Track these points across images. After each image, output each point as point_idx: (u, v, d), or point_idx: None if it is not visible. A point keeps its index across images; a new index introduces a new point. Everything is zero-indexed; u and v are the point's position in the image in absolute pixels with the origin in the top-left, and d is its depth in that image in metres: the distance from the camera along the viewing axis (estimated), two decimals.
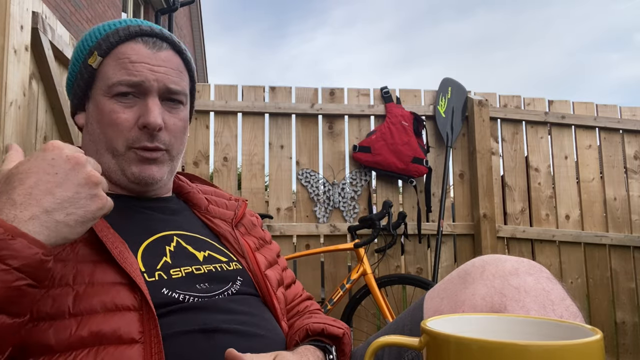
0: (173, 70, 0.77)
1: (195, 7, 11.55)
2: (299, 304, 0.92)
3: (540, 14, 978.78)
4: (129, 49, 0.74)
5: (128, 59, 0.74)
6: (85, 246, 0.64)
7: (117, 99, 0.74)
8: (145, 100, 0.74)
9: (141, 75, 0.73)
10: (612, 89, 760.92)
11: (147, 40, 0.76)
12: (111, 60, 0.74)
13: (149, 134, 0.74)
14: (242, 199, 0.94)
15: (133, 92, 0.74)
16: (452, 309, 0.67)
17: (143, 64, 0.74)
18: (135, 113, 0.74)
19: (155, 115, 0.73)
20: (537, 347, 0.36)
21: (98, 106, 0.75)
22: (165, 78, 0.75)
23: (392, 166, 2.63)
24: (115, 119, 0.73)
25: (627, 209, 2.93)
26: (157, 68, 0.75)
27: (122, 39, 0.75)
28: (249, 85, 2.70)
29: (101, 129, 0.75)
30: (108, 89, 0.74)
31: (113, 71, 0.74)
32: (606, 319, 2.80)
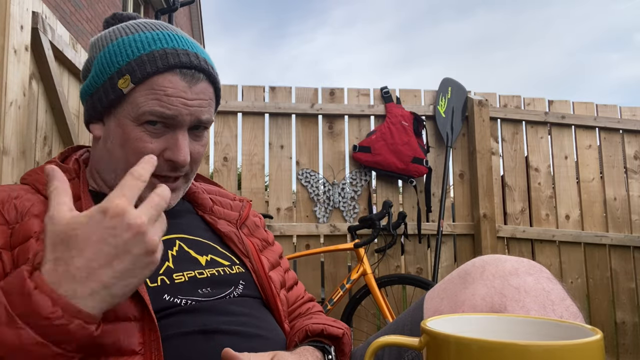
0: (205, 102, 0.74)
1: (195, 7, 11.55)
2: (301, 305, 0.91)
3: (540, 14, 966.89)
4: (166, 82, 0.70)
5: (163, 91, 0.70)
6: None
7: (145, 127, 0.71)
8: (175, 134, 0.72)
9: (176, 109, 0.70)
10: (612, 89, 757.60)
11: (185, 72, 0.72)
12: (144, 89, 0.70)
13: (174, 167, 0.73)
14: (246, 199, 0.93)
15: (162, 122, 0.71)
16: (452, 309, 0.67)
17: (178, 99, 0.70)
18: (162, 144, 0.72)
19: (185, 153, 0.72)
20: (537, 347, 0.36)
21: (124, 130, 0.72)
22: (198, 112, 0.73)
23: (392, 166, 2.63)
24: (142, 148, 0.71)
25: (627, 209, 2.93)
26: (192, 102, 0.72)
27: (159, 70, 0.70)
28: (249, 85, 2.70)
29: (124, 153, 0.72)
30: (138, 116, 0.70)
31: (145, 100, 0.70)
32: (606, 319, 2.80)
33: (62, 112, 1.60)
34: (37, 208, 0.66)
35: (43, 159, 1.52)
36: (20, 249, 0.61)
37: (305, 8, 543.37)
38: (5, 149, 1.25)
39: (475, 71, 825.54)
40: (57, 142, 1.64)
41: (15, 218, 0.64)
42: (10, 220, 0.64)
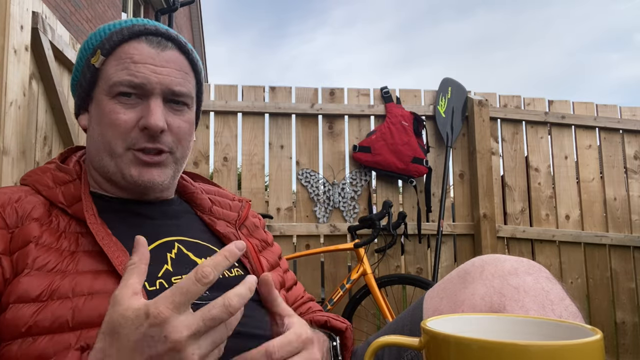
0: (178, 72, 0.74)
1: (195, 7, 11.55)
2: (301, 305, 0.91)
3: (540, 14, 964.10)
4: (132, 49, 0.72)
5: (130, 58, 0.71)
6: (85, 256, 0.63)
7: (119, 99, 0.71)
8: (148, 102, 0.71)
9: (143, 76, 0.70)
10: (612, 89, 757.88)
11: (151, 39, 0.73)
12: (113, 59, 0.72)
13: (150, 136, 0.71)
14: (245, 199, 0.92)
15: (135, 93, 0.71)
16: (452, 308, 0.67)
17: (146, 65, 0.71)
18: (137, 114, 0.71)
19: (156, 118, 0.70)
20: (537, 347, 0.36)
21: (99, 106, 0.73)
22: (168, 80, 0.72)
23: (392, 166, 2.63)
24: (115, 120, 0.71)
25: (627, 209, 2.93)
26: (161, 69, 0.72)
27: (125, 37, 0.72)
28: (249, 85, 2.70)
29: (101, 129, 0.72)
30: (109, 88, 0.71)
31: (114, 71, 0.71)
32: (606, 319, 2.80)
33: (62, 112, 1.60)
34: (37, 211, 0.66)
35: (43, 159, 1.52)
36: (19, 254, 0.61)
37: (305, 8, 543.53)
38: (5, 149, 1.25)
39: (475, 71, 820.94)
40: (57, 142, 1.64)
41: (15, 222, 0.64)
42: (10, 225, 0.63)
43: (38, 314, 0.56)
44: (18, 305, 0.57)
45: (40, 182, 0.71)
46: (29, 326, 0.56)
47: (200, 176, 0.96)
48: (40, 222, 0.64)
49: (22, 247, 0.61)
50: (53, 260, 0.61)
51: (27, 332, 0.56)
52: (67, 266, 0.61)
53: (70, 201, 0.68)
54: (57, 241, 0.63)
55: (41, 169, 0.74)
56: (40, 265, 0.60)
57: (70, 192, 0.69)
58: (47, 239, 0.63)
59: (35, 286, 0.58)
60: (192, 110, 0.79)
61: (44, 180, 0.71)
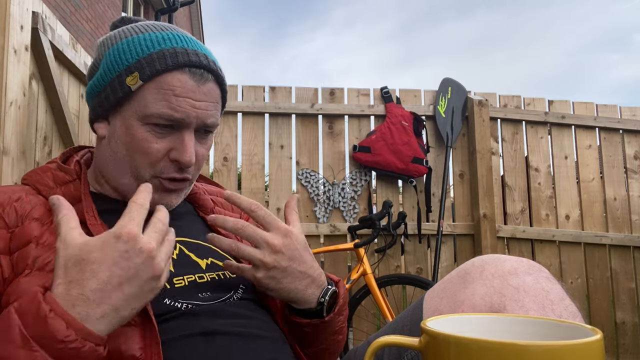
0: (212, 104, 0.73)
1: (195, 7, 11.56)
2: None
3: (540, 15, 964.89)
4: (175, 80, 0.69)
5: (172, 91, 0.69)
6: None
7: (151, 127, 0.70)
8: (181, 135, 0.71)
9: (183, 111, 0.69)
10: (612, 89, 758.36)
11: (194, 72, 0.70)
12: (153, 87, 0.69)
13: (180, 168, 0.72)
14: None
15: (170, 125, 0.71)
16: (452, 308, 0.67)
17: (186, 99, 0.69)
18: (168, 144, 0.71)
19: (190, 154, 0.71)
20: (537, 347, 0.36)
21: (129, 129, 0.71)
22: (205, 115, 0.72)
23: (392, 166, 2.63)
24: (147, 149, 0.70)
25: (627, 209, 2.93)
26: (199, 104, 0.71)
27: (169, 67, 0.69)
28: (249, 85, 2.70)
29: (128, 152, 0.71)
30: (145, 117, 0.69)
31: (154, 100, 0.69)
32: (606, 319, 2.80)
33: (62, 112, 1.60)
34: (38, 211, 0.66)
35: (43, 159, 1.52)
36: (19, 254, 0.60)
37: (306, 8, 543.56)
38: (5, 149, 1.25)
39: (475, 71, 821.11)
40: (57, 142, 1.64)
41: (15, 221, 0.63)
42: (10, 224, 0.63)
43: None
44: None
45: (41, 182, 0.71)
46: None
47: (203, 176, 0.96)
48: (40, 221, 0.64)
49: (22, 246, 0.61)
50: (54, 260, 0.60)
51: None
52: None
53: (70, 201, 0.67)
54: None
55: (42, 168, 0.74)
56: (41, 265, 0.60)
57: (70, 192, 0.69)
58: (48, 238, 0.63)
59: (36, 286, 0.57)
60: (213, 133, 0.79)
61: (44, 180, 0.71)
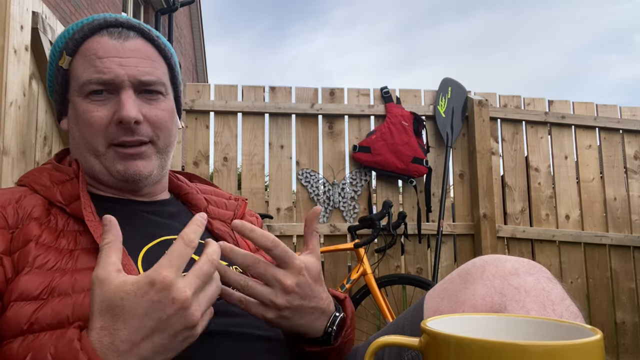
0: (144, 60, 0.73)
1: (195, 7, 11.56)
2: None
3: (540, 15, 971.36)
4: (95, 43, 0.72)
5: (95, 54, 0.71)
6: (84, 254, 0.63)
7: (91, 98, 0.71)
8: (119, 96, 0.71)
9: (110, 71, 0.70)
10: (611, 90, 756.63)
11: (112, 31, 0.72)
12: (79, 58, 0.72)
13: (127, 129, 0.71)
14: (242, 198, 0.93)
15: (106, 89, 0.71)
16: (452, 309, 0.67)
17: (111, 58, 0.71)
18: (110, 110, 0.71)
19: (128, 109, 0.70)
20: (538, 347, 0.36)
21: (75, 108, 0.73)
22: (135, 71, 0.72)
23: (392, 166, 2.63)
24: (90, 119, 0.71)
25: (627, 209, 2.93)
26: (126, 60, 0.71)
27: (87, 34, 0.72)
28: (249, 85, 2.70)
29: (80, 130, 0.73)
30: (80, 88, 0.72)
31: (82, 70, 0.71)
32: (606, 319, 2.80)
33: None
34: (37, 211, 0.66)
35: (43, 159, 1.52)
36: (20, 253, 0.61)
37: (306, 9, 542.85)
38: (5, 149, 1.25)
39: (475, 71, 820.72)
40: (57, 142, 1.64)
41: (16, 222, 0.64)
42: (11, 225, 0.64)
43: (39, 311, 0.57)
44: (19, 303, 0.57)
45: (38, 182, 0.71)
46: (30, 323, 0.56)
47: (196, 176, 0.96)
48: (39, 221, 0.65)
49: (22, 246, 0.61)
50: (53, 259, 0.61)
51: (29, 329, 0.56)
52: (67, 264, 0.61)
53: (68, 200, 0.68)
54: (56, 240, 0.64)
55: (38, 169, 0.75)
56: (40, 264, 0.60)
57: (68, 191, 0.70)
58: (47, 237, 0.63)
59: (36, 284, 0.58)
60: (168, 97, 0.78)
61: (41, 180, 0.71)
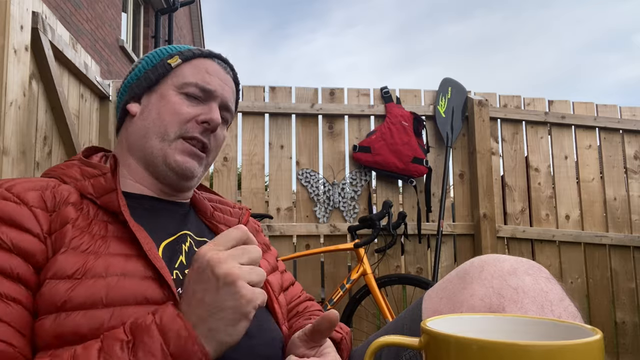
0: (232, 93, 0.87)
1: (195, 7, 11.56)
2: (298, 304, 0.93)
3: (540, 15, 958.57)
4: (208, 63, 0.85)
5: (206, 69, 0.83)
6: (116, 241, 0.66)
7: (186, 97, 0.80)
8: (209, 104, 0.82)
9: (214, 85, 0.82)
10: (611, 90, 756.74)
11: (221, 63, 0.87)
12: (190, 65, 0.83)
13: (205, 130, 0.80)
14: (245, 207, 0.96)
15: (201, 98, 0.81)
16: (451, 309, 0.67)
17: (216, 78, 0.83)
18: (197, 111, 0.80)
19: (218, 115, 0.81)
20: (537, 347, 0.36)
21: (164, 97, 0.81)
22: (228, 95, 0.85)
23: (392, 166, 2.63)
24: (179, 109, 0.79)
25: (627, 209, 2.93)
26: (224, 86, 0.85)
27: (203, 54, 0.85)
28: (249, 85, 2.70)
29: (159, 114, 0.79)
30: (181, 85, 0.81)
31: (191, 73, 0.82)
32: (606, 319, 2.80)
33: (62, 112, 1.60)
34: (73, 197, 0.69)
35: (43, 159, 1.52)
36: (58, 234, 0.64)
37: (306, 10, 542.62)
38: (5, 149, 1.25)
39: (475, 71, 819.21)
40: (57, 142, 1.64)
41: (53, 206, 0.67)
42: (49, 208, 0.66)
43: (73, 290, 0.59)
44: (54, 281, 0.59)
45: (68, 175, 0.74)
46: (64, 301, 0.58)
47: (202, 186, 1.00)
48: (75, 206, 0.68)
49: (60, 228, 0.64)
50: (87, 242, 0.64)
51: (62, 306, 0.58)
52: (99, 248, 0.64)
53: (99, 192, 0.71)
54: (89, 226, 0.67)
55: (65, 164, 0.77)
56: (75, 245, 0.63)
57: (100, 185, 0.72)
58: (81, 222, 0.66)
59: (71, 263, 0.61)
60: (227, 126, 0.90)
61: (71, 173, 0.74)
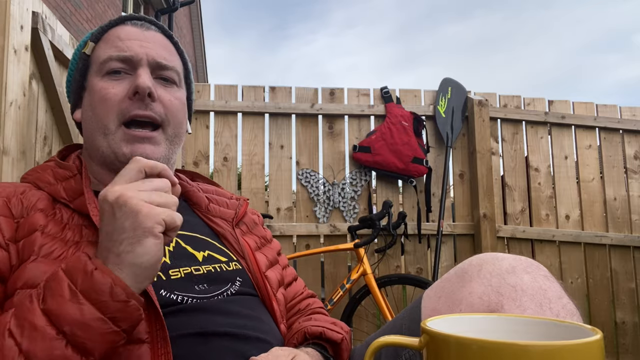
0: (162, 48, 0.78)
1: (195, 7, 11.55)
2: (300, 302, 0.91)
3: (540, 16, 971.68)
4: (119, 30, 0.77)
5: (118, 37, 0.76)
6: (90, 246, 0.64)
7: (109, 77, 0.74)
8: (136, 72, 0.74)
9: (131, 49, 0.74)
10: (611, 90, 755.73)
11: (135, 22, 0.79)
12: (102, 43, 0.77)
13: (140, 101, 0.73)
14: (243, 197, 0.93)
15: (124, 69, 0.74)
16: (450, 308, 0.67)
17: (132, 40, 0.76)
18: (126, 86, 0.74)
19: (144, 79, 0.72)
20: (538, 347, 0.36)
21: (91, 89, 0.75)
22: (154, 52, 0.76)
23: (392, 166, 2.63)
24: (105, 95, 0.73)
25: (627, 209, 2.93)
26: (146, 44, 0.76)
27: (112, 24, 0.78)
28: (249, 85, 2.70)
29: (93, 110, 0.74)
30: (100, 67, 0.75)
31: (104, 51, 0.76)
32: (606, 319, 2.79)
33: (62, 112, 1.60)
34: (42, 203, 0.67)
35: (43, 159, 1.52)
36: (25, 241, 0.62)
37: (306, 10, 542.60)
38: (5, 149, 1.25)
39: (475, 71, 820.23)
40: (57, 142, 1.64)
41: (21, 212, 0.65)
42: (16, 214, 0.65)
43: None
44: (25, 290, 0.58)
45: (41, 180, 0.72)
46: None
47: (199, 175, 0.96)
48: (45, 212, 0.66)
49: (28, 235, 0.63)
50: (59, 249, 0.62)
51: None
52: (73, 254, 0.62)
53: (72, 196, 0.69)
54: (62, 231, 0.65)
55: (41, 167, 0.75)
56: (46, 252, 0.61)
57: (71, 187, 0.70)
58: (52, 228, 0.64)
59: (42, 272, 0.59)
60: (181, 90, 0.81)
61: (44, 178, 0.72)
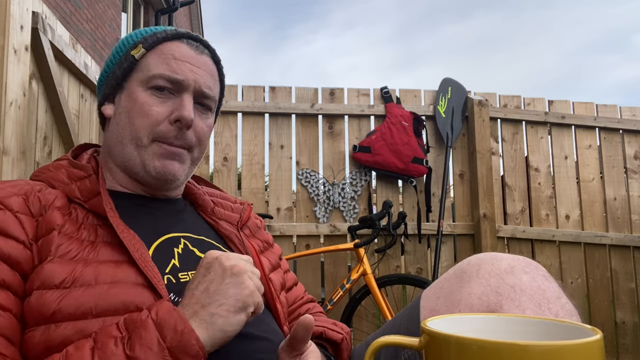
0: (210, 76, 0.78)
1: (195, 7, 11.55)
2: (301, 306, 0.92)
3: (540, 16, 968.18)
4: (174, 47, 0.76)
5: (172, 55, 0.75)
6: (105, 246, 0.65)
7: (153, 92, 0.74)
8: (181, 97, 0.75)
9: (183, 73, 0.74)
10: (611, 90, 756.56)
11: (191, 42, 0.78)
12: (155, 54, 0.76)
13: (179, 130, 0.74)
14: (247, 202, 0.94)
15: (170, 88, 0.74)
16: (449, 308, 0.67)
17: (185, 63, 0.75)
18: (168, 108, 0.74)
19: (189, 110, 0.73)
20: (537, 347, 0.36)
21: (131, 96, 0.75)
22: (202, 80, 0.76)
23: (392, 166, 2.63)
24: (148, 110, 0.73)
25: (627, 209, 2.93)
26: (197, 70, 0.76)
27: (168, 37, 0.77)
28: (249, 85, 2.70)
29: (130, 118, 0.74)
30: (147, 80, 0.74)
31: (155, 64, 0.75)
32: (606, 319, 2.79)
33: (62, 112, 1.60)
34: (60, 201, 0.67)
35: (43, 159, 1.52)
36: (43, 241, 0.62)
37: (306, 11, 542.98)
38: (5, 149, 1.25)
39: (475, 71, 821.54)
40: (57, 142, 1.64)
41: (39, 210, 0.65)
42: (35, 213, 0.64)
43: (62, 299, 0.57)
44: (42, 291, 0.58)
45: (55, 179, 0.72)
46: (53, 312, 0.57)
47: (204, 180, 0.97)
48: (62, 211, 0.66)
49: (46, 234, 0.62)
50: (75, 249, 0.62)
51: (51, 317, 0.57)
52: (89, 255, 0.62)
53: (87, 196, 0.69)
54: (78, 231, 0.65)
55: (54, 165, 0.75)
56: (62, 252, 0.61)
57: (86, 187, 0.70)
58: (69, 228, 0.64)
59: (59, 272, 0.59)
60: (212, 116, 0.82)
61: (58, 177, 0.72)
